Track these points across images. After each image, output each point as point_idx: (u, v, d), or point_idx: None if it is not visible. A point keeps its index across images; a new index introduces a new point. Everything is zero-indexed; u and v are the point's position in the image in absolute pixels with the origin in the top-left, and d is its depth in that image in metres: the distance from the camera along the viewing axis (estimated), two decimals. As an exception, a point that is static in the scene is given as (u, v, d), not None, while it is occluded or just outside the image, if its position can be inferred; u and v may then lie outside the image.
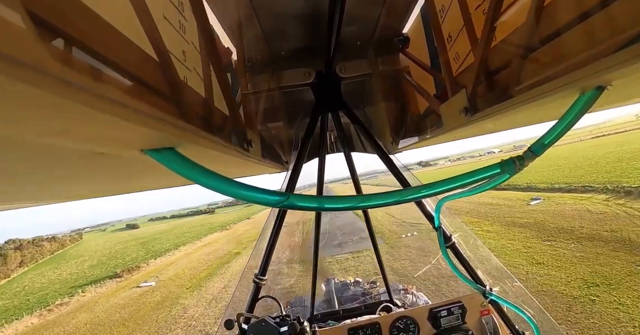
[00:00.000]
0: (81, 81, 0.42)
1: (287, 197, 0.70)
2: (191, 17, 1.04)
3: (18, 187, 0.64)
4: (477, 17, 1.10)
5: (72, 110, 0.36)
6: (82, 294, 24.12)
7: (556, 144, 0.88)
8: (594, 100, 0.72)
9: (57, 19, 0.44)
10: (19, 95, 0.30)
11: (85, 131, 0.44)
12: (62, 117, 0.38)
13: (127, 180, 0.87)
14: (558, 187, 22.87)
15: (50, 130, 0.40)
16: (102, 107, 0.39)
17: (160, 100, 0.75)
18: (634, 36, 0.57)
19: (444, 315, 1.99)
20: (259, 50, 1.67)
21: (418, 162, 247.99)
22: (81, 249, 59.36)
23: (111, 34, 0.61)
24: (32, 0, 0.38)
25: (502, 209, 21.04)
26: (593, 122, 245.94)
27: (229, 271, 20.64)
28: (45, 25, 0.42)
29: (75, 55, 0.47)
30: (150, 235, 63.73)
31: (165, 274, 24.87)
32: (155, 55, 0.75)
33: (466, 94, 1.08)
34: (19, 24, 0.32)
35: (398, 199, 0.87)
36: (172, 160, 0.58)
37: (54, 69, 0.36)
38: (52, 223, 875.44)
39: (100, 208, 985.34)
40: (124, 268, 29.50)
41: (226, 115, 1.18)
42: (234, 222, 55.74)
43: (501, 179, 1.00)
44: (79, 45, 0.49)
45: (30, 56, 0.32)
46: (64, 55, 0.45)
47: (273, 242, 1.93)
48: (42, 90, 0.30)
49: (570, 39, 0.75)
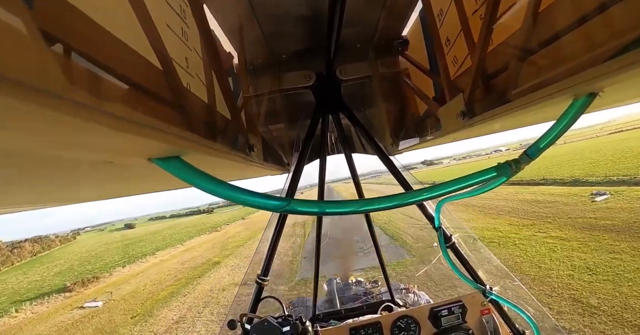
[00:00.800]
0: (86, 98, 0.43)
1: (288, 202, 0.72)
2: (193, 23, 1.06)
3: (29, 192, 0.66)
4: (474, 22, 1.12)
5: (79, 127, 0.37)
6: (15, 314, 19.19)
7: (572, 140, 0.89)
8: (587, 106, 0.74)
9: (59, 30, 0.45)
10: (27, 114, 0.31)
11: (93, 144, 0.46)
12: (71, 133, 0.39)
13: (133, 184, 0.89)
14: (618, 179, 19.20)
15: (60, 144, 0.42)
16: (109, 122, 0.40)
17: (164, 108, 0.77)
18: (627, 43, 0.58)
19: (445, 315, 2.01)
20: (260, 54, 1.69)
21: (422, 161, 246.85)
22: (67, 250, 55.51)
23: (115, 44, 0.62)
24: (35, 14, 0.39)
25: (559, 206, 16.86)
26: (603, 120, 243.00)
27: (195, 291, 16.14)
28: (46, 35, 0.42)
29: (78, 69, 0.48)
30: (140, 236, 60.28)
31: (123, 290, 20.34)
32: (159, 63, 0.77)
33: (463, 98, 1.10)
34: (23, 37, 0.33)
35: (399, 203, 0.89)
36: (178, 168, 0.60)
37: (58, 87, 0.37)
38: (55, 222, 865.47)
39: (103, 209, 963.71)
40: (83, 278, 24.77)
41: (229, 120, 1.20)
42: (227, 223, 53.11)
43: (498, 182, 1.01)
44: (81, 55, 0.50)
45: (30, 72, 0.33)
46: (67, 69, 0.45)
47: (275, 243, 1.95)
48: (49, 109, 0.31)
49: (565, 45, 0.76)
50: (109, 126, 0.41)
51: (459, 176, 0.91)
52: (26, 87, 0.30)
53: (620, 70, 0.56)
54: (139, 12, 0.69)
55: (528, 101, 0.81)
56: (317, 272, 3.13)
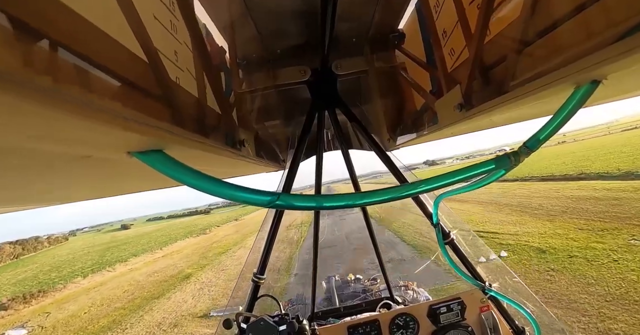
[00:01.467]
0: (66, 87, 0.41)
1: (278, 196, 0.69)
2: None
3: (3, 191, 0.63)
4: (471, 12, 1.09)
5: (57, 117, 0.35)
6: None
7: (584, 137, 0.87)
8: (589, 95, 0.71)
9: (40, 21, 0.43)
10: (5, 106, 0.29)
11: (71, 136, 0.44)
12: (47, 124, 0.37)
13: (117, 182, 0.86)
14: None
15: (32, 136, 0.40)
16: (89, 113, 0.39)
17: (150, 101, 0.74)
18: (627, 29, 0.56)
19: (444, 312, 1.99)
20: (253, 49, 1.66)
21: (424, 161, 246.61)
22: (51, 253, 52.19)
23: (97, 36, 0.60)
24: (12, 4, 0.37)
25: (632, 203, 13.30)
26: (603, 120, 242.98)
27: (140, 323, 12.30)
28: (27, 29, 0.41)
29: (59, 60, 0.46)
30: (128, 238, 57.31)
31: (64, 311, 16.59)
32: (145, 56, 0.74)
33: (461, 89, 1.07)
34: (5, 31, 0.31)
35: (396, 195, 0.87)
36: (160, 162, 0.58)
37: (37, 74, 0.35)
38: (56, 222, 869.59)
39: (105, 210, 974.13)
40: (26, 293, 20.78)
41: (219, 115, 1.17)
42: (218, 225, 49.76)
43: (497, 175, 0.99)
44: (65, 48, 0.48)
45: (11, 61, 0.31)
46: (48, 59, 0.44)
47: (271, 241, 1.93)
48: (25, 98, 0.30)
49: (564, 33, 0.74)
50: (87, 117, 0.39)
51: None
52: (6, 79, 0.28)
53: (624, 55, 0.54)
54: (123, 3, 0.66)
55: (527, 91, 0.78)
56: (315, 270, 3.12)
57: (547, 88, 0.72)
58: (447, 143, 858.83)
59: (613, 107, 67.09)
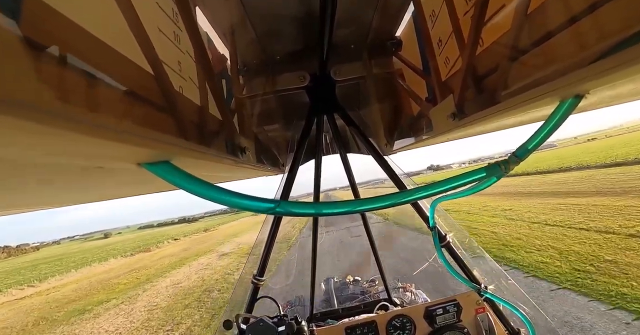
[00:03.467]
0: (76, 109, 0.44)
1: (278, 203, 0.73)
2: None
3: (17, 197, 0.67)
4: (465, 23, 1.13)
5: (70, 137, 0.38)
6: None
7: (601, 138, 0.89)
8: (573, 108, 0.75)
9: (46, 38, 0.45)
10: (18, 129, 0.32)
11: (84, 152, 0.46)
12: (60, 143, 0.40)
13: (123, 187, 0.89)
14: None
15: (49, 153, 0.43)
16: (98, 132, 0.41)
17: (156, 112, 0.78)
18: (607, 49, 0.59)
19: (440, 314, 2.02)
20: (253, 55, 1.69)
21: (428, 167, 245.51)
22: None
23: (105, 51, 0.63)
24: (19, 21, 0.39)
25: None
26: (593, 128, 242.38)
27: None
28: (33, 45, 0.42)
29: (69, 79, 0.48)
30: (87, 249, 53.66)
31: None
32: (151, 68, 0.77)
33: (454, 99, 1.11)
34: (11, 48, 0.34)
35: (394, 202, 0.90)
36: (168, 172, 0.61)
37: (48, 97, 0.38)
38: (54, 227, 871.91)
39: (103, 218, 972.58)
40: None
41: (221, 121, 1.20)
42: (176, 237, 44.55)
43: (489, 182, 1.03)
44: (71, 64, 0.50)
45: (23, 86, 0.34)
46: (58, 80, 0.46)
47: (271, 243, 1.96)
48: (38, 123, 0.32)
49: (551, 47, 0.77)
50: (100, 136, 0.41)
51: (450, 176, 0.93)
52: (16, 101, 0.30)
53: (604, 73, 0.57)
54: (128, 17, 0.69)
55: (516, 103, 0.82)
56: (314, 272, 3.15)
57: (535, 101, 0.76)
58: (451, 148, 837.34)
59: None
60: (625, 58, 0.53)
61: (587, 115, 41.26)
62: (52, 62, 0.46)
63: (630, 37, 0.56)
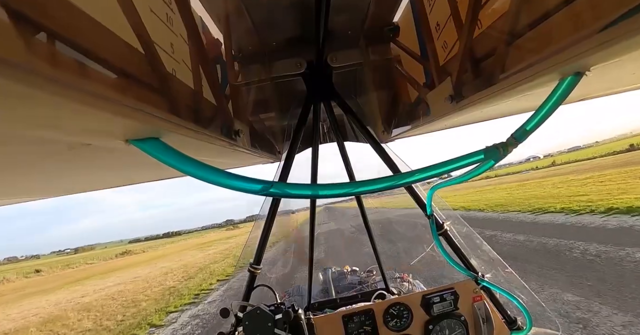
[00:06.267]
0: (67, 77, 0.43)
1: (272, 184, 0.71)
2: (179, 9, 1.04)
3: (9, 182, 0.65)
4: (463, 6, 1.11)
5: (59, 105, 0.37)
6: None
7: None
8: (573, 86, 0.73)
9: (38, 14, 0.45)
10: (5, 92, 0.31)
11: (71, 123, 0.46)
12: (49, 112, 0.39)
13: (116, 172, 0.88)
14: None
15: (37, 124, 0.42)
16: (88, 101, 0.40)
17: (146, 92, 0.76)
18: (609, 21, 0.58)
19: (437, 302, 2.02)
20: (249, 41, 1.66)
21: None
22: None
23: (95, 28, 0.61)
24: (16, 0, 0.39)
25: None
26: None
27: None
28: (26, 20, 0.42)
29: (59, 51, 0.48)
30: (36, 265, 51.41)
31: None
32: (142, 48, 0.76)
33: (452, 81, 1.09)
34: (4, 24, 0.33)
35: (391, 184, 0.89)
36: (156, 149, 0.60)
37: (39, 65, 0.37)
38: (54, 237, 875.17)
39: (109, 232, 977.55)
40: None
41: (215, 107, 1.19)
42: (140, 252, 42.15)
43: (487, 165, 1.01)
44: (63, 40, 0.49)
45: (13, 53, 0.33)
46: (48, 50, 0.46)
47: (267, 231, 1.95)
48: (28, 87, 0.31)
49: (549, 27, 0.76)
50: (87, 104, 0.40)
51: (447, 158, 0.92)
52: (4, 59, 0.30)
53: (605, 45, 0.56)
54: None
55: (514, 82, 0.80)
56: (311, 261, 3.15)
57: (534, 79, 0.74)
58: (452, 149, 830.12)
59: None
60: (623, 31, 0.52)
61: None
62: (43, 37, 0.45)
63: (627, 12, 0.54)
